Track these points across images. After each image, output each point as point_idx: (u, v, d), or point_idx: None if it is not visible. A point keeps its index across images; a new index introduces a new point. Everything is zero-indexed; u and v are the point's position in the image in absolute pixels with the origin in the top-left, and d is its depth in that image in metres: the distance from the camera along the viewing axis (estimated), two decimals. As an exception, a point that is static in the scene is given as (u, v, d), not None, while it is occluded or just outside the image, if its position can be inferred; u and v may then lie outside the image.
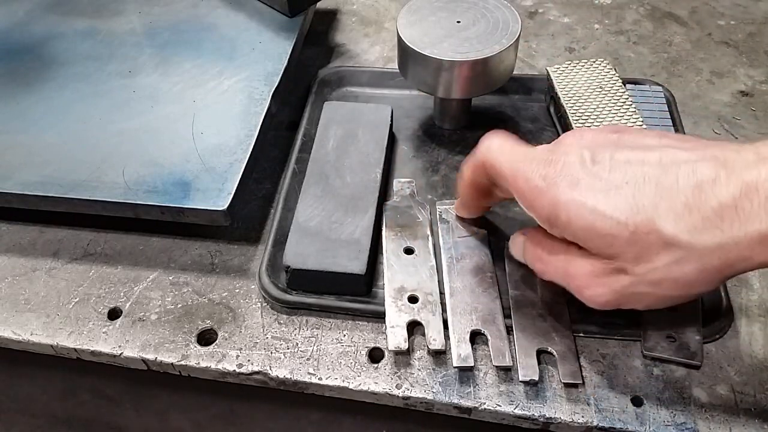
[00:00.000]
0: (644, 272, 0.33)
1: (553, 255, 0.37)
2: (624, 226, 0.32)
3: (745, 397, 0.40)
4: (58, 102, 0.54)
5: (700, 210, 0.31)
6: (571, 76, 0.54)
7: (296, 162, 0.52)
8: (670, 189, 0.32)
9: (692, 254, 0.31)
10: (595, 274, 0.35)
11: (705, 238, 0.31)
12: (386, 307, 0.42)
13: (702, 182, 0.31)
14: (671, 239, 0.31)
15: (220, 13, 0.61)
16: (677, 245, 0.31)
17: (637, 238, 0.32)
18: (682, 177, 0.32)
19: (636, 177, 0.33)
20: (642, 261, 0.33)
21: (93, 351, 0.44)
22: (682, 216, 0.31)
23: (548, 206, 0.35)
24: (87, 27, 0.61)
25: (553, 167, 0.35)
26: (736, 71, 0.61)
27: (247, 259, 0.48)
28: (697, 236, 0.31)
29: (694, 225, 0.31)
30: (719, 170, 0.31)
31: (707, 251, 0.31)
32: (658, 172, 0.33)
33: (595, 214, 0.33)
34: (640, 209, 0.32)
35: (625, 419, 0.39)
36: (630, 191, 0.33)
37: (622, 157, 0.34)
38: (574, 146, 0.36)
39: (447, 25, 0.50)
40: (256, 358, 0.43)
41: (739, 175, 0.30)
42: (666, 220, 0.31)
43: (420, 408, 0.41)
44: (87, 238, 0.50)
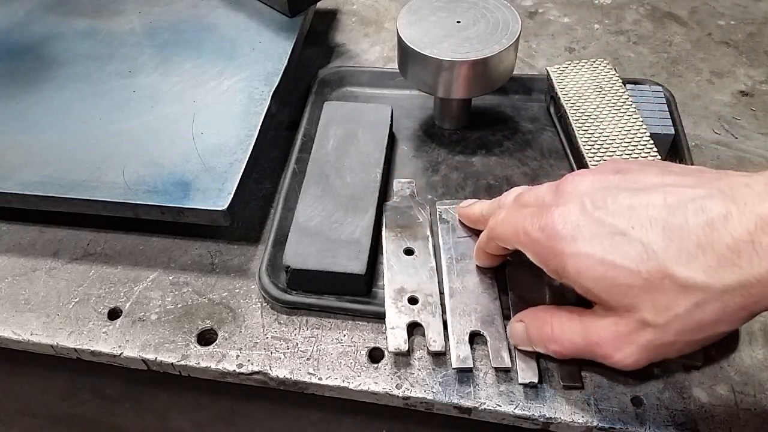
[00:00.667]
0: (666, 321, 0.31)
1: (566, 328, 0.35)
2: (637, 274, 0.31)
3: (745, 397, 0.40)
4: (58, 102, 0.54)
5: (714, 248, 0.29)
6: (571, 76, 0.54)
7: (296, 162, 0.52)
8: (680, 230, 0.30)
9: (712, 295, 0.30)
10: (619, 334, 0.33)
11: (723, 277, 0.29)
12: (386, 309, 0.42)
13: (713, 219, 0.30)
14: (687, 282, 0.30)
15: (220, 13, 0.61)
16: (695, 288, 0.30)
17: (652, 286, 0.31)
18: (691, 216, 0.30)
19: (642, 221, 0.32)
20: (662, 309, 0.31)
21: (93, 351, 0.44)
22: (696, 257, 0.30)
23: (553, 258, 0.34)
24: (87, 27, 0.61)
25: (550, 216, 0.34)
26: (736, 71, 0.61)
27: (247, 259, 0.48)
28: (714, 276, 0.29)
29: (709, 265, 0.29)
30: (729, 206, 0.30)
31: (728, 290, 0.29)
32: (665, 213, 0.31)
33: (604, 264, 0.32)
34: (651, 255, 0.31)
35: (625, 419, 0.39)
36: (637, 236, 0.31)
37: (625, 201, 0.33)
38: (573, 193, 0.35)
39: (447, 25, 0.50)
40: (256, 358, 0.43)
41: (752, 209, 0.29)
42: (679, 263, 0.30)
43: (420, 408, 0.41)
44: (87, 238, 0.50)
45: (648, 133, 0.49)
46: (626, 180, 0.34)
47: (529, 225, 0.35)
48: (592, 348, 0.35)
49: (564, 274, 0.34)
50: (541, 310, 0.38)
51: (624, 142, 0.49)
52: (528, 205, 0.38)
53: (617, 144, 0.48)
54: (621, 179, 0.34)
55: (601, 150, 0.48)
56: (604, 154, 0.48)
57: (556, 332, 0.36)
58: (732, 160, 0.53)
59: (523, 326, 0.39)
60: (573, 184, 0.35)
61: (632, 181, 0.34)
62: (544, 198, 0.37)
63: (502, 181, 0.52)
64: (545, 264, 0.35)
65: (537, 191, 0.38)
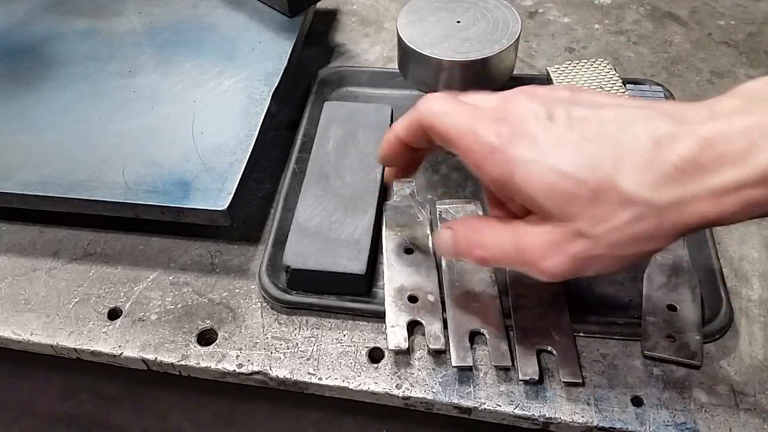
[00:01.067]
0: (602, 232, 0.31)
1: (496, 234, 0.35)
2: (584, 183, 0.31)
3: (745, 397, 0.40)
4: (58, 102, 0.54)
5: (661, 165, 0.30)
6: (571, 76, 0.54)
7: (296, 162, 0.52)
8: (630, 145, 0.31)
9: (651, 210, 0.30)
10: (551, 242, 0.33)
11: (665, 194, 0.30)
12: (386, 307, 0.42)
13: (661, 137, 0.31)
14: (632, 195, 0.30)
15: (220, 13, 0.61)
16: (637, 202, 0.30)
17: (596, 196, 0.31)
18: (641, 132, 0.31)
19: (595, 134, 0.32)
20: (600, 220, 0.31)
21: (93, 351, 0.44)
22: (644, 172, 0.30)
23: (502, 165, 0.33)
24: (87, 27, 0.61)
25: (506, 124, 0.33)
26: (736, 71, 0.61)
27: (247, 259, 0.48)
28: (657, 192, 0.30)
29: (655, 180, 0.30)
30: (677, 126, 0.31)
31: (666, 207, 0.30)
32: (617, 128, 0.32)
33: (556, 172, 0.32)
34: (600, 166, 0.31)
35: (625, 419, 0.39)
36: (590, 148, 0.32)
37: (579, 114, 0.33)
38: (527, 103, 0.34)
39: (447, 25, 0.50)
40: (256, 358, 0.43)
41: (696, 129, 0.30)
42: (627, 176, 0.31)
43: (420, 408, 0.41)
44: (87, 238, 0.50)
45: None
46: (578, 97, 0.34)
47: (480, 127, 0.34)
48: (520, 255, 0.34)
49: (509, 182, 0.33)
50: (472, 218, 0.37)
51: (624, 142, 0.49)
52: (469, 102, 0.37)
53: (617, 144, 0.48)
54: (574, 96, 0.34)
55: (601, 150, 0.48)
56: (604, 154, 0.48)
57: (485, 238, 0.35)
58: (732, 160, 0.53)
59: (451, 233, 0.37)
60: (525, 94, 0.35)
61: (585, 98, 0.34)
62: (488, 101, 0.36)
63: (502, 181, 0.52)
64: (489, 170, 0.34)
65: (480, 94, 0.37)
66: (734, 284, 0.45)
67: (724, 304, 0.42)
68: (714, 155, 0.29)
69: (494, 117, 0.34)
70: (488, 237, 0.35)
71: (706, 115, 0.31)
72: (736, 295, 0.44)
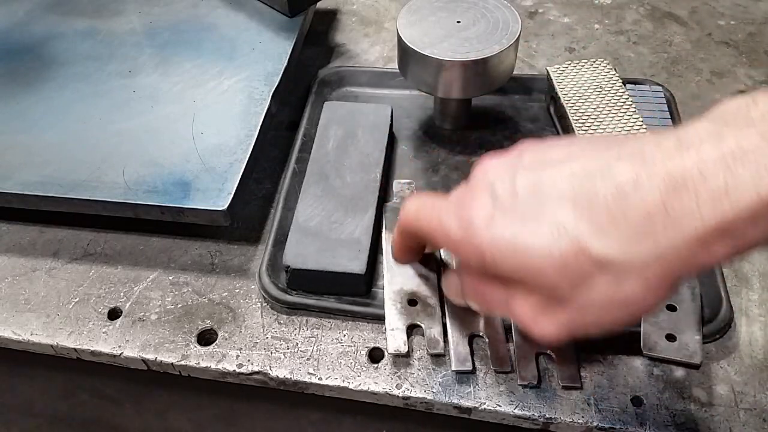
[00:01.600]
0: (585, 300, 0.29)
1: (494, 293, 0.34)
2: (550, 255, 0.29)
3: (745, 397, 0.40)
4: (58, 102, 0.54)
5: (628, 219, 0.27)
6: (571, 76, 0.54)
7: (296, 162, 0.52)
8: (590, 201, 0.28)
9: (630, 271, 0.28)
10: (538, 310, 0.32)
11: (639, 251, 0.27)
12: (386, 310, 0.42)
13: (622, 185, 0.27)
14: (603, 258, 0.28)
15: (220, 13, 0.61)
16: (611, 264, 0.28)
17: (567, 264, 0.29)
18: (600, 184, 0.28)
19: (551, 198, 0.30)
20: (580, 287, 0.29)
21: (93, 351, 0.44)
22: (609, 231, 0.28)
23: (472, 250, 0.33)
24: (87, 27, 0.61)
25: (465, 210, 0.33)
26: (736, 71, 0.61)
27: (247, 259, 0.48)
28: (630, 249, 0.27)
29: (624, 238, 0.27)
30: (638, 169, 0.27)
31: (645, 264, 0.27)
32: (573, 185, 0.29)
33: (518, 249, 0.30)
34: (562, 232, 0.29)
35: (625, 419, 0.39)
36: (548, 215, 0.30)
37: (533, 180, 0.31)
38: (480, 182, 0.33)
39: (447, 25, 0.50)
40: (256, 358, 0.43)
41: (661, 167, 0.27)
42: (593, 237, 0.28)
43: (420, 408, 0.41)
44: (87, 238, 0.50)
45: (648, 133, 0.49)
46: (533, 158, 0.32)
47: (445, 218, 0.34)
48: (514, 318, 0.34)
49: (485, 264, 0.33)
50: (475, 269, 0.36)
51: (624, 142, 0.49)
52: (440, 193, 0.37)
53: (617, 144, 0.48)
54: (529, 158, 0.33)
55: (601, 150, 0.48)
56: (604, 154, 0.48)
57: (486, 293, 0.35)
58: (732, 160, 0.53)
59: (457, 280, 0.38)
60: (482, 170, 0.34)
61: (538, 159, 0.32)
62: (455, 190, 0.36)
63: (502, 181, 0.52)
64: (466, 258, 0.34)
65: None
66: (734, 284, 0.45)
67: (724, 304, 0.42)
68: (687, 198, 0.26)
69: (456, 205, 0.34)
70: (489, 293, 0.35)
71: (673, 147, 0.27)
72: (736, 295, 0.44)
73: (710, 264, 0.27)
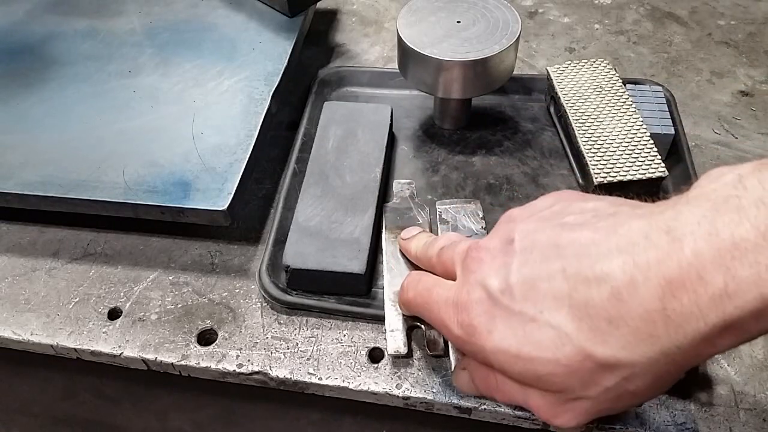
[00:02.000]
0: (598, 394, 0.30)
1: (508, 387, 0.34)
2: (555, 362, 0.30)
3: (745, 397, 0.40)
4: (59, 102, 0.54)
5: (627, 322, 0.27)
6: (571, 76, 0.54)
7: (296, 162, 0.52)
8: (587, 306, 0.28)
9: (638, 369, 0.28)
10: (556, 404, 0.32)
11: (644, 351, 0.27)
12: (386, 311, 0.42)
13: (618, 290, 0.27)
14: (609, 361, 0.28)
15: (220, 13, 0.61)
16: (618, 365, 0.28)
17: (573, 369, 0.29)
18: (594, 289, 0.28)
19: (547, 302, 0.30)
20: (591, 385, 0.30)
21: (93, 351, 0.44)
22: (610, 334, 0.28)
23: (478, 353, 0.33)
24: (87, 27, 0.61)
25: (465, 312, 0.33)
26: (736, 71, 0.61)
27: (247, 259, 0.48)
28: (634, 351, 0.28)
29: (627, 340, 0.28)
30: (632, 270, 0.27)
31: (652, 362, 0.28)
32: (567, 288, 0.29)
33: (522, 359, 0.31)
34: (564, 339, 0.29)
35: (625, 419, 0.39)
36: (546, 321, 0.30)
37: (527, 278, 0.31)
38: (477, 278, 0.33)
39: (447, 25, 0.50)
40: (256, 358, 0.43)
41: (656, 272, 0.27)
42: (595, 343, 0.28)
43: (420, 408, 0.41)
44: (87, 238, 0.50)
45: (648, 133, 0.49)
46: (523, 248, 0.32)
47: (447, 320, 0.34)
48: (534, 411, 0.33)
49: (493, 366, 0.33)
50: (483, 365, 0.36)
51: (624, 142, 0.49)
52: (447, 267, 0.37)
53: (617, 144, 0.48)
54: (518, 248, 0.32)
55: (601, 150, 0.48)
56: (604, 154, 0.48)
57: (500, 385, 0.34)
58: (732, 160, 0.53)
59: (467, 374, 0.37)
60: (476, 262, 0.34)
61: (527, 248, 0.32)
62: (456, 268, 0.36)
63: (502, 181, 0.52)
64: (473, 356, 0.35)
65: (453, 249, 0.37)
66: (734, 284, 0.45)
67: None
68: (687, 300, 0.26)
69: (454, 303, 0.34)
70: (502, 385, 0.34)
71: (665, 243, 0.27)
72: (736, 295, 0.44)
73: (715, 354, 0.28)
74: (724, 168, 0.28)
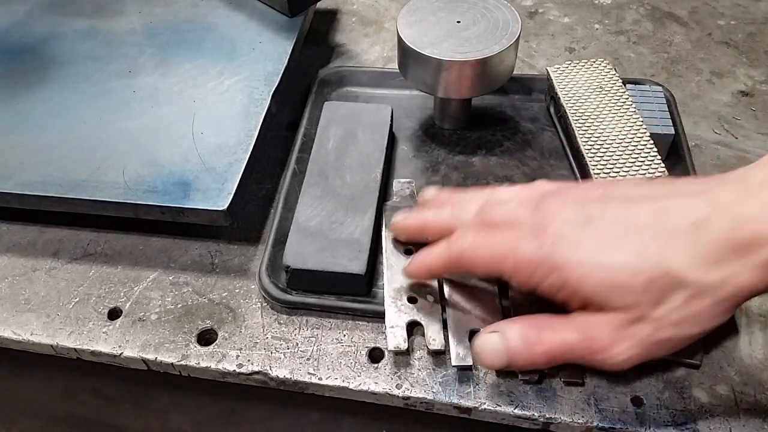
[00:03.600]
0: (663, 315, 0.33)
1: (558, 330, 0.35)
2: (637, 274, 0.33)
3: (745, 397, 0.40)
4: (58, 102, 0.54)
5: (704, 246, 0.32)
6: (571, 76, 0.54)
7: (296, 162, 0.52)
8: (670, 232, 0.33)
9: (704, 289, 0.32)
10: (618, 328, 0.34)
11: (712, 274, 0.32)
12: (386, 308, 0.42)
13: (696, 222, 0.33)
14: (683, 279, 0.32)
15: (220, 13, 0.61)
16: (689, 283, 0.32)
17: (651, 284, 0.33)
18: (678, 218, 0.33)
19: (633, 227, 0.34)
20: (660, 304, 0.33)
21: (93, 351, 0.44)
22: (689, 255, 0.32)
23: (553, 272, 0.34)
24: (87, 27, 0.61)
25: (545, 234, 0.35)
26: (736, 71, 0.61)
27: (247, 259, 0.48)
28: (705, 272, 0.32)
29: (700, 262, 0.32)
30: (711, 208, 0.33)
31: (716, 285, 0.32)
32: (653, 219, 0.34)
33: (607, 269, 0.33)
34: (648, 255, 0.33)
35: (625, 419, 0.39)
36: (633, 241, 0.33)
37: (613, 212, 0.35)
38: (561, 210, 0.36)
39: (447, 25, 0.50)
40: (256, 358, 0.43)
41: (728, 209, 0.32)
42: (674, 261, 0.32)
43: (420, 408, 0.41)
44: (87, 238, 0.50)
45: (648, 133, 0.49)
46: (607, 195, 0.36)
47: (523, 245, 0.35)
48: (587, 345, 0.34)
49: (565, 285, 0.34)
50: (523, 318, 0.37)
51: (624, 142, 0.49)
52: (499, 225, 0.37)
53: (617, 144, 0.49)
54: (601, 194, 0.36)
55: (601, 150, 0.48)
56: (604, 154, 0.48)
57: (543, 334, 0.35)
58: (732, 160, 0.53)
59: (499, 336, 0.36)
60: (557, 202, 0.36)
61: (611, 195, 0.36)
62: (518, 217, 0.37)
63: (502, 181, 0.52)
64: (540, 281, 0.35)
65: (504, 209, 0.38)
66: (734, 284, 0.45)
67: (724, 304, 0.42)
68: (750, 235, 0.31)
69: (532, 231, 0.35)
70: (548, 333, 0.35)
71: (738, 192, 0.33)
72: (736, 295, 0.44)
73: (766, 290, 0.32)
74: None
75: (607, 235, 0.34)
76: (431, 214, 0.42)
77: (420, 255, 0.41)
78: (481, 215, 0.39)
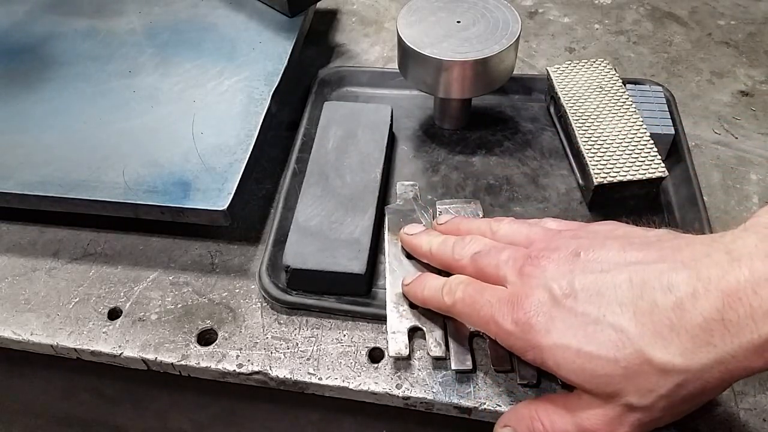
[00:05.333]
0: (651, 402, 0.32)
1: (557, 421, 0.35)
2: (615, 362, 0.31)
3: (745, 397, 0.40)
4: (59, 102, 0.54)
5: (687, 330, 0.30)
6: (571, 76, 0.54)
7: (296, 162, 0.52)
8: (651, 312, 0.31)
9: (692, 375, 0.30)
10: (609, 419, 0.33)
11: (700, 358, 0.30)
12: (387, 313, 0.42)
13: (681, 299, 0.30)
14: (666, 366, 0.31)
15: (220, 13, 0.61)
16: (674, 370, 0.30)
17: (631, 372, 0.31)
18: (660, 296, 0.31)
19: (612, 306, 0.32)
20: (645, 392, 0.31)
21: (93, 351, 0.44)
22: (671, 340, 0.30)
23: (530, 351, 0.34)
24: (87, 27, 0.61)
25: (522, 310, 0.34)
26: (736, 71, 0.61)
27: (247, 259, 0.48)
28: (691, 357, 0.30)
29: (685, 347, 0.30)
30: (695, 283, 0.30)
31: (705, 369, 0.30)
32: (633, 295, 0.32)
33: (582, 356, 0.32)
34: (626, 342, 0.31)
35: (625, 419, 0.39)
36: (610, 323, 0.32)
37: (593, 285, 0.33)
38: (539, 279, 0.35)
39: (447, 25, 0.50)
40: (256, 358, 0.43)
41: (717, 285, 0.30)
42: (655, 347, 0.31)
43: (420, 408, 0.41)
44: (87, 238, 0.50)
45: (648, 133, 0.49)
46: (590, 260, 0.34)
47: (499, 317, 0.35)
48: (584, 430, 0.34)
49: (543, 365, 0.34)
50: (522, 407, 0.37)
51: (624, 142, 0.49)
52: (488, 277, 0.37)
53: (617, 144, 0.49)
54: (585, 259, 0.34)
55: (601, 150, 0.48)
56: (604, 154, 0.48)
57: (547, 427, 0.35)
58: (732, 160, 0.53)
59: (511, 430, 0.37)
60: (539, 269, 0.35)
61: (595, 260, 0.34)
62: (504, 276, 0.36)
63: (502, 181, 0.52)
64: (522, 354, 0.35)
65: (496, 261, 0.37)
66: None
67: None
68: (743, 312, 0.29)
69: (509, 301, 0.35)
70: (549, 425, 0.35)
71: (725, 261, 0.30)
72: (736, 295, 0.44)
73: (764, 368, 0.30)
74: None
75: (583, 317, 0.32)
76: (436, 243, 0.42)
77: (418, 284, 0.41)
78: (475, 262, 0.39)
